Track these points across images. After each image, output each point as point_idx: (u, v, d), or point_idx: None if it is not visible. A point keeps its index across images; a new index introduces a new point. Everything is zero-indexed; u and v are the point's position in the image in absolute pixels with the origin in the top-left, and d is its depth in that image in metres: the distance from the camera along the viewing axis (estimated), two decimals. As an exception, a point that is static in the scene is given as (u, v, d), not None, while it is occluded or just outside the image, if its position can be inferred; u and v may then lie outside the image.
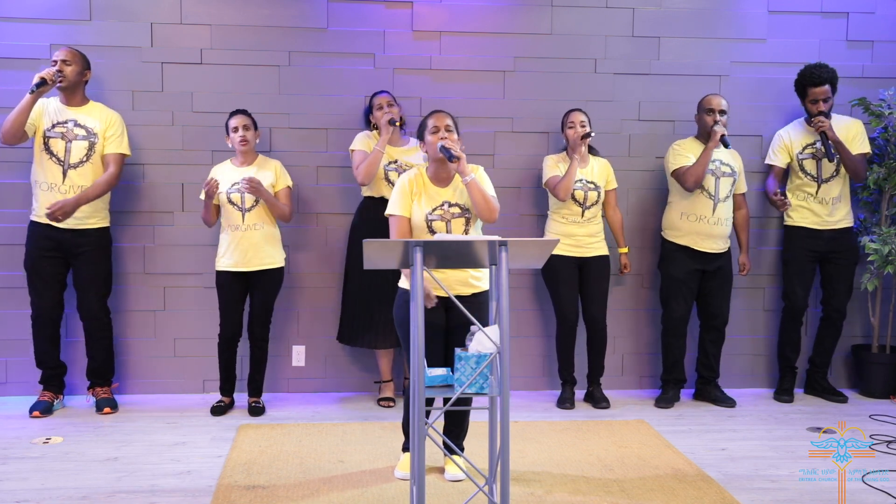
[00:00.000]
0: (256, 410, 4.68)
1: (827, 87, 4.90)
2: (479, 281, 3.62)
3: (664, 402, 4.96)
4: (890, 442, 4.26)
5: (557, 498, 3.53)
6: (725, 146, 4.82)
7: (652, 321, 5.26)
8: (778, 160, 5.05)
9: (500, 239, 2.89)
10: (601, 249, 4.89)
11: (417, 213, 3.61)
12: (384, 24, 5.04)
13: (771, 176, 5.06)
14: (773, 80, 5.27)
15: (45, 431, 4.31)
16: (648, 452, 4.11)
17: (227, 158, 4.73)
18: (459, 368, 2.87)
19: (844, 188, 5.05)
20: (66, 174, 4.51)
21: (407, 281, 3.63)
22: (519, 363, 5.18)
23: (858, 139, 4.99)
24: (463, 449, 3.73)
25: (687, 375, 5.09)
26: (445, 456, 3.75)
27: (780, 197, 4.90)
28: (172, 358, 5.03)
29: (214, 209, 4.61)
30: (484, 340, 2.89)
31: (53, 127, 4.53)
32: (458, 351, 2.89)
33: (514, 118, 5.14)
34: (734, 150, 4.97)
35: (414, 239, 3.59)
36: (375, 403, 4.94)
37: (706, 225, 4.87)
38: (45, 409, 4.57)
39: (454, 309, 3.53)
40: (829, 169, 4.99)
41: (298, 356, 5.11)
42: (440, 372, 3.03)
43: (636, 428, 4.51)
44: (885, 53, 5.32)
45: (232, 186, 4.56)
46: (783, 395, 5.10)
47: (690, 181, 4.78)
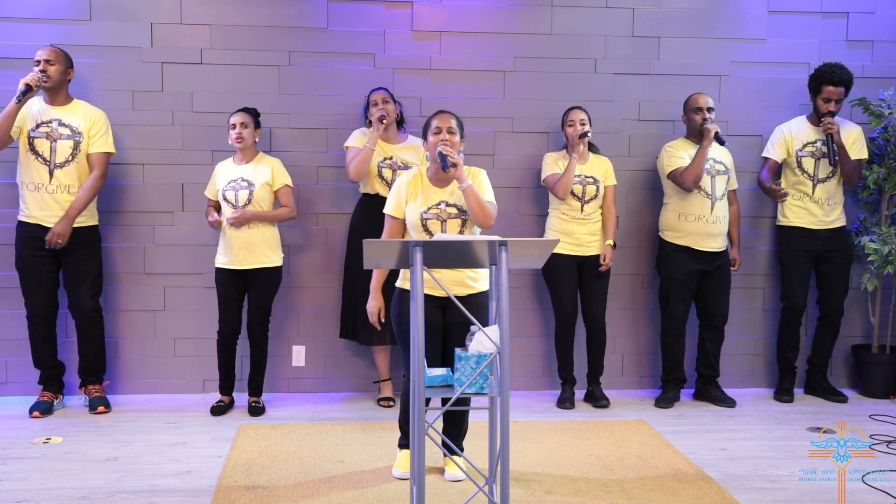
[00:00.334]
0: (256, 410, 4.68)
1: (842, 88, 4.89)
2: (475, 282, 3.60)
3: (664, 402, 4.96)
4: (890, 442, 4.26)
5: (557, 498, 3.53)
6: (721, 143, 4.81)
7: (652, 321, 5.26)
8: (775, 154, 5.03)
9: (500, 239, 2.89)
10: (601, 248, 4.88)
11: (413, 211, 3.59)
12: (384, 24, 5.04)
13: (765, 168, 5.04)
14: (773, 80, 5.27)
15: (45, 431, 4.31)
16: (648, 452, 4.11)
17: (228, 158, 4.73)
18: (459, 368, 2.87)
19: (839, 189, 5.04)
20: (52, 174, 4.49)
21: (404, 280, 3.64)
22: (519, 363, 5.18)
23: (857, 145, 5.00)
24: (462, 449, 3.72)
25: (687, 375, 5.10)
26: (445, 456, 3.75)
27: (778, 187, 4.90)
28: (172, 358, 5.03)
29: (217, 210, 4.63)
30: (484, 340, 2.89)
31: (38, 127, 4.50)
32: (458, 351, 2.89)
33: (514, 118, 5.14)
34: (723, 146, 4.95)
35: (409, 238, 3.62)
36: (375, 403, 4.94)
37: (705, 224, 4.86)
38: (44, 409, 4.57)
39: (451, 308, 3.53)
40: (826, 169, 4.98)
41: (298, 356, 5.11)
42: (440, 372, 3.03)
43: (636, 428, 4.51)
44: (885, 53, 5.32)
45: (228, 184, 4.57)
46: (783, 395, 5.10)
47: (690, 181, 4.77)
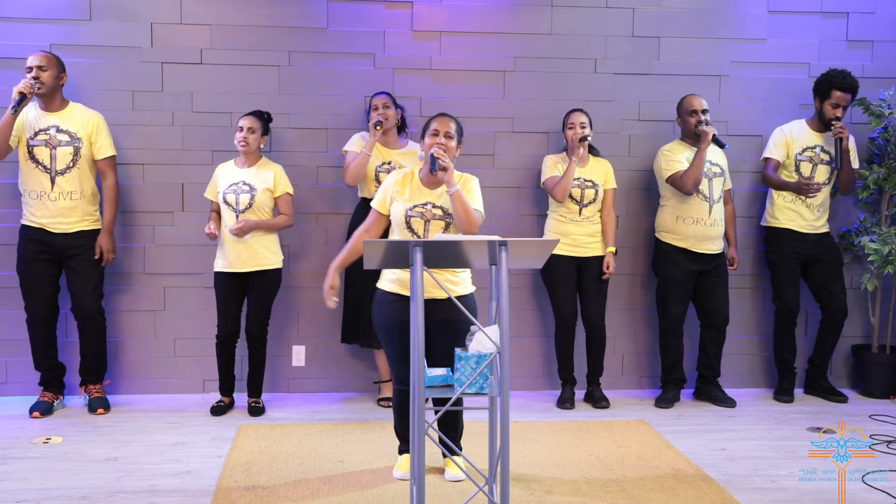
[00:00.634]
0: (256, 410, 4.67)
1: (850, 95, 4.90)
2: (455, 286, 3.56)
3: (664, 402, 4.96)
4: (890, 442, 4.26)
5: (557, 498, 3.53)
6: (721, 146, 4.81)
7: (651, 321, 5.26)
8: (778, 154, 5.02)
9: (500, 239, 2.89)
10: (599, 250, 4.87)
11: (399, 207, 3.58)
12: (384, 24, 5.03)
13: (770, 167, 5.02)
14: (772, 80, 5.27)
15: (45, 431, 4.31)
16: (648, 452, 4.11)
17: (228, 158, 4.73)
18: (459, 368, 2.87)
19: (828, 195, 5.06)
20: (54, 182, 4.48)
21: (385, 281, 3.61)
22: (519, 363, 5.18)
23: (854, 154, 5.01)
24: (461, 449, 3.72)
25: (687, 375, 5.10)
26: (445, 457, 3.74)
27: (812, 180, 4.85)
28: (172, 358, 5.03)
29: (217, 221, 4.60)
30: (484, 340, 2.89)
31: (36, 135, 4.48)
32: (458, 351, 2.89)
33: (514, 118, 5.14)
34: (717, 148, 4.92)
35: (393, 235, 3.62)
36: (375, 403, 4.94)
37: (703, 227, 4.86)
38: (44, 409, 4.57)
39: (434, 307, 3.47)
40: (822, 175, 4.98)
41: (298, 356, 5.11)
42: (440, 372, 3.03)
43: (636, 428, 4.51)
44: (885, 53, 5.32)
45: (229, 187, 4.56)
46: (783, 395, 5.10)
47: (690, 185, 4.76)
